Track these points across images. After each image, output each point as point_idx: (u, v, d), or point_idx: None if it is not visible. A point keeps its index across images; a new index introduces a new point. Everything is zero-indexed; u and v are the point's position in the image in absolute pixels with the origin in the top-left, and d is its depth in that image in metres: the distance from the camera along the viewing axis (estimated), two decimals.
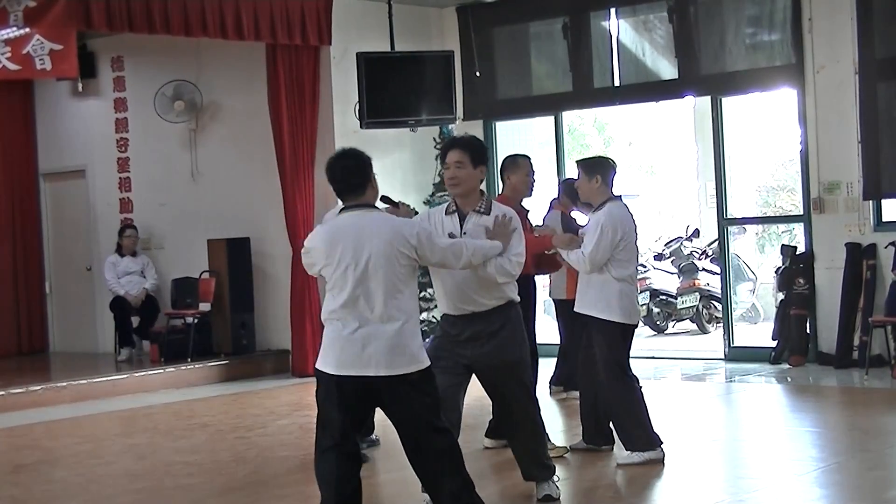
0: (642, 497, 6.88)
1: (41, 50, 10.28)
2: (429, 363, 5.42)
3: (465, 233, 6.10)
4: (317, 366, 5.44)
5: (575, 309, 7.47)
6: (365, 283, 5.31)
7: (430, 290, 9.42)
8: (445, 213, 6.23)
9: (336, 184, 5.51)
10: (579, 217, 9.29)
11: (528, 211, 7.90)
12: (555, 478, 6.53)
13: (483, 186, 6.40)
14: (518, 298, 6.28)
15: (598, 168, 7.44)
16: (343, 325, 5.35)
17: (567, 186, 9.32)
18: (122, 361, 13.21)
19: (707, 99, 12.27)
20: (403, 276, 5.37)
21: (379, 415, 5.78)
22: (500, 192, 7.73)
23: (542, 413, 6.55)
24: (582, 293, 7.40)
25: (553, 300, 9.83)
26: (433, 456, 5.43)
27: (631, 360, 8.27)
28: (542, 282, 9.80)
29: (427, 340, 6.40)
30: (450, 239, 5.89)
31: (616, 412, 7.39)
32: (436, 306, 5.94)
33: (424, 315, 11.53)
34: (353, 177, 5.49)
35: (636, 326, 7.57)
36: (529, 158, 7.84)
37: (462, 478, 5.47)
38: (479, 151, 6.21)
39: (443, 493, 5.45)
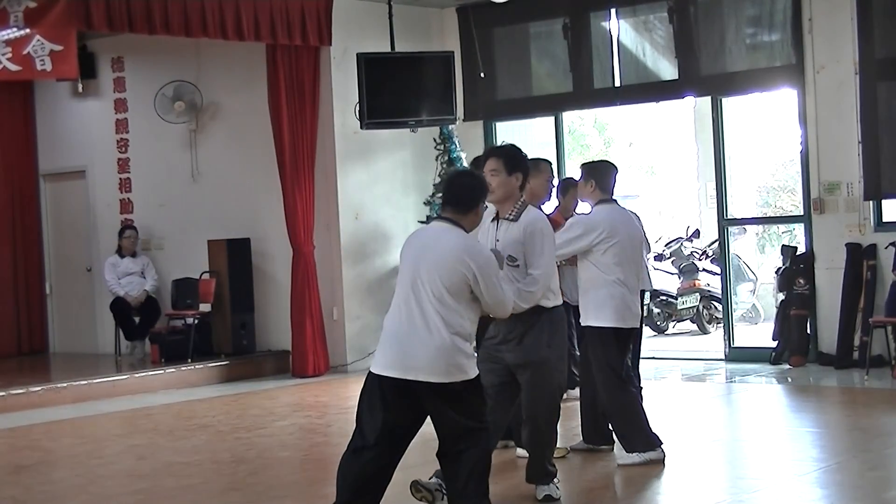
0: (642, 497, 6.88)
1: (41, 50, 10.28)
2: (476, 373, 5.52)
3: (498, 240, 6.26)
4: (370, 368, 5.55)
5: (580, 322, 7.47)
6: (419, 290, 5.43)
7: None
8: (490, 221, 6.37)
9: (446, 193, 5.71)
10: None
11: (546, 216, 7.97)
12: (556, 480, 6.55)
13: None
14: (551, 304, 6.37)
15: (595, 172, 7.49)
16: (394, 326, 5.48)
17: (563, 186, 9.29)
18: (129, 355, 13.28)
19: (707, 99, 12.27)
20: (460, 291, 5.46)
21: None
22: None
23: (558, 419, 6.60)
24: (582, 305, 7.41)
25: None
26: (462, 464, 5.52)
27: (640, 360, 8.29)
28: None
29: None
30: (509, 289, 5.89)
31: (614, 416, 7.39)
32: None
33: None
34: (468, 194, 5.67)
35: (635, 329, 7.56)
36: (550, 163, 7.98)
37: (485, 482, 5.60)
38: (514, 159, 6.35)
39: (463, 488, 5.54)
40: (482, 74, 13.03)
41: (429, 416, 5.59)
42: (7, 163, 14.60)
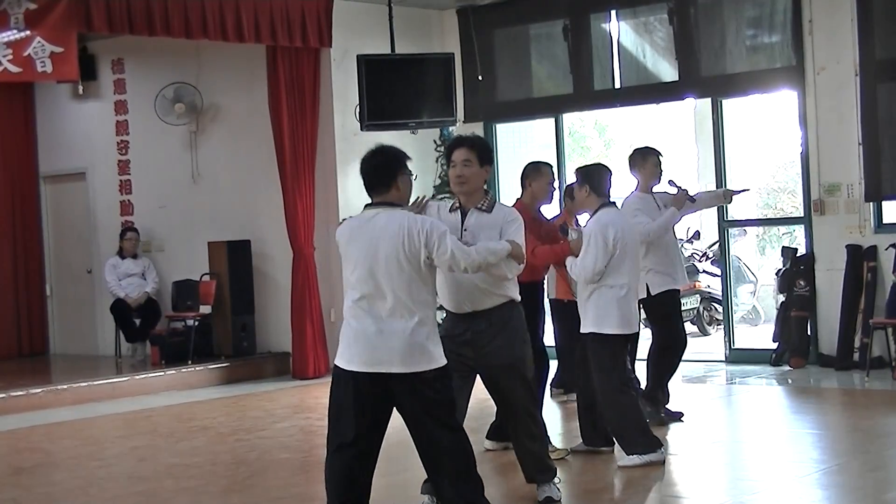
0: (643, 499, 6.88)
1: (42, 52, 10.29)
2: (444, 362, 5.43)
3: (465, 229, 6.16)
4: (334, 362, 5.47)
5: (581, 331, 7.44)
6: (377, 280, 5.35)
7: None
8: (449, 211, 6.31)
9: (363, 178, 5.65)
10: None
11: (547, 219, 7.98)
12: (556, 480, 6.54)
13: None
14: (519, 298, 6.31)
15: (588, 176, 7.46)
16: (358, 321, 5.39)
17: (570, 190, 9.31)
18: (130, 357, 13.30)
19: (707, 101, 12.27)
20: (418, 274, 5.37)
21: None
22: (518, 198, 7.80)
23: (542, 414, 6.56)
24: (582, 313, 7.39)
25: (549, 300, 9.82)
26: (445, 455, 5.45)
27: (636, 363, 8.30)
28: None
29: None
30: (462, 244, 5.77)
31: (613, 420, 7.38)
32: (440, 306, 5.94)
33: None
34: (379, 174, 5.60)
35: (636, 334, 7.57)
36: (551, 166, 8.04)
37: (473, 479, 5.50)
38: (485, 151, 6.34)
39: (450, 493, 5.47)
40: (480, 77, 13.03)
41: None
42: (7, 164, 14.61)
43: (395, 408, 5.47)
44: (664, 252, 8.60)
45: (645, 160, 8.79)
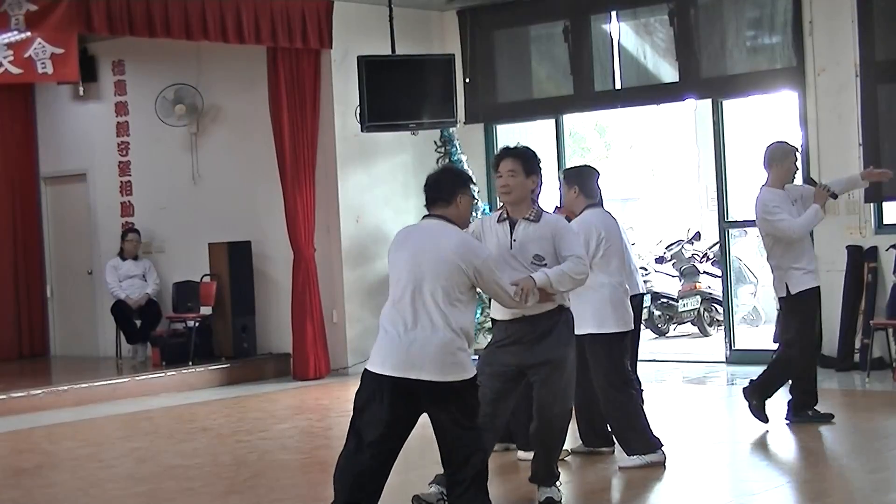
0: (643, 500, 6.88)
1: (42, 54, 10.30)
2: (475, 373, 5.54)
3: (514, 240, 6.22)
4: (366, 366, 5.53)
5: (576, 332, 7.44)
6: (420, 288, 5.44)
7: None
8: (497, 221, 6.35)
9: (427, 192, 5.75)
10: None
11: None
12: (558, 483, 6.54)
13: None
14: (569, 304, 6.40)
15: (576, 178, 7.52)
16: (394, 327, 5.47)
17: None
18: (131, 358, 13.31)
19: (708, 102, 12.27)
20: (459, 289, 5.48)
21: None
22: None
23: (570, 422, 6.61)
24: (577, 314, 7.38)
25: None
26: (466, 460, 5.53)
27: (638, 362, 8.30)
28: None
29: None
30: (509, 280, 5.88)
31: (614, 420, 7.39)
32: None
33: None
34: (441, 188, 5.70)
35: (633, 330, 7.58)
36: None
37: (485, 485, 5.60)
38: (531, 161, 6.36)
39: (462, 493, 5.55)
40: (467, 80, 13.02)
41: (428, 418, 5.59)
42: (8, 166, 14.61)
43: (422, 413, 5.54)
44: (803, 249, 8.35)
45: (786, 157, 8.42)
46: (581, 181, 7.48)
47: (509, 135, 13.48)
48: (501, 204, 6.54)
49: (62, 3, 10.32)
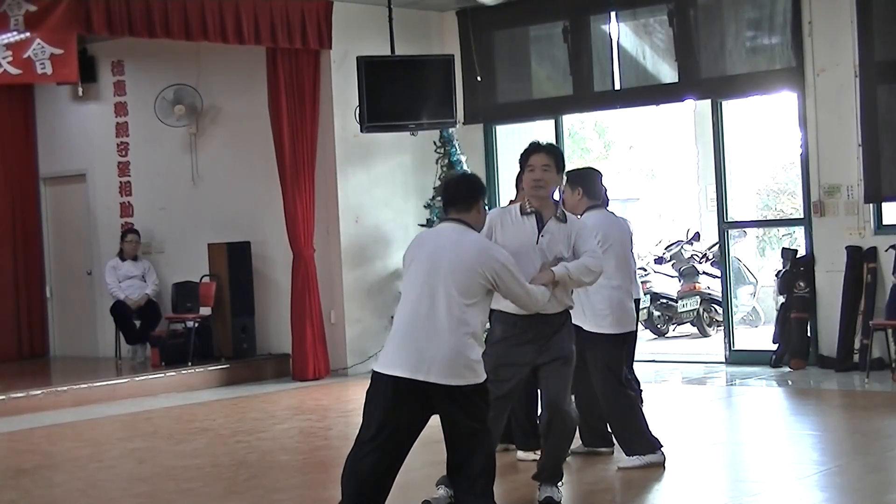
0: (642, 500, 6.88)
1: (42, 54, 10.29)
2: (485, 377, 5.56)
3: (542, 235, 6.23)
4: (376, 367, 5.55)
5: (574, 321, 7.45)
6: (435, 290, 5.46)
7: None
8: (521, 214, 6.32)
9: (445, 195, 5.80)
10: None
11: None
12: (559, 483, 6.55)
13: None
14: (573, 304, 6.48)
15: (580, 180, 7.53)
16: (407, 328, 5.48)
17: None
18: (130, 359, 13.31)
19: (707, 102, 12.27)
20: (475, 292, 5.52)
21: None
22: (511, 200, 7.85)
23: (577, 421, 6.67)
24: (578, 311, 7.38)
25: None
26: (472, 467, 5.55)
27: (634, 363, 8.30)
28: None
29: None
30: (528, 282, 5.93)
31: (613, 420, 7.40)
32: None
33: None
34: (464, 192, 5.74)
35: (632, 333, 7.58)
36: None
37: (491, 486, 5.64)
38: (562, 158, 6.42)
39: (467, 491, 5.58)
40: (479, 78, 13.04)
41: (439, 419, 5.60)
42: (7, 166, 14.61)
43: (432, 415, 5.56)
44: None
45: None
46: (585, 183, 7.48)
47: (509, 135, 13.49)
48: (510, 199, 6.54)
49: (62, 3, 10.32)
